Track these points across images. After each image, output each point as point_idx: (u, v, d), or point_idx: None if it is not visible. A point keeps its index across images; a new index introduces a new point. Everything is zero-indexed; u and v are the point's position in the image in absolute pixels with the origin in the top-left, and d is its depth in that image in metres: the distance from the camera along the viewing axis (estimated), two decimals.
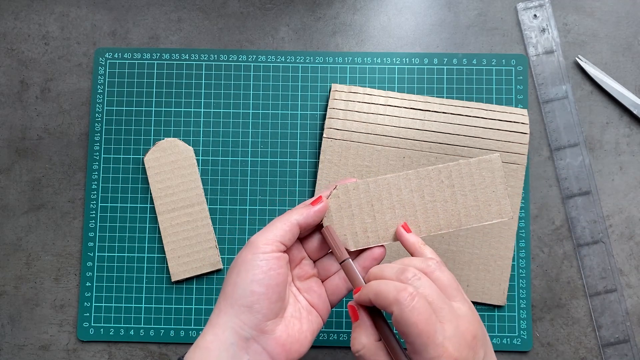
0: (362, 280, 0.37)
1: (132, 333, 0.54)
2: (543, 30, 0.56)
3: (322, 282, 0.41)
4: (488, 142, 0.53)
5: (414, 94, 0.55)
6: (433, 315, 0.32)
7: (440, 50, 0.57)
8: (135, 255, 0.54)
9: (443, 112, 0.53)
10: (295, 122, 0.55)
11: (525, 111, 0.54)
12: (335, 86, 0.55)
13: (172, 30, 0.57)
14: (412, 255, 0.38)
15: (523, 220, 0.54)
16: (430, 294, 0.33)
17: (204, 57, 0.56)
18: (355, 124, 0.53)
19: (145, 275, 0.54)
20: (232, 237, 0.54)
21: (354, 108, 0.53)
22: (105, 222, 0.55)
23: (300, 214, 0.38)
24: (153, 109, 0.56)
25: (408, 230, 0.39)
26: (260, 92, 0.56)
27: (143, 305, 0.54)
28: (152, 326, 0.54)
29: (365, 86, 0.56)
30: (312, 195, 0.53)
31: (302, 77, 0.56)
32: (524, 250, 0.54)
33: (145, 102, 0.56)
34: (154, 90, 0.56)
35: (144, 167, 0.55)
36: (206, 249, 0.54)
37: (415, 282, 0.34)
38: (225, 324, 0.35)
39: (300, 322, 0.37)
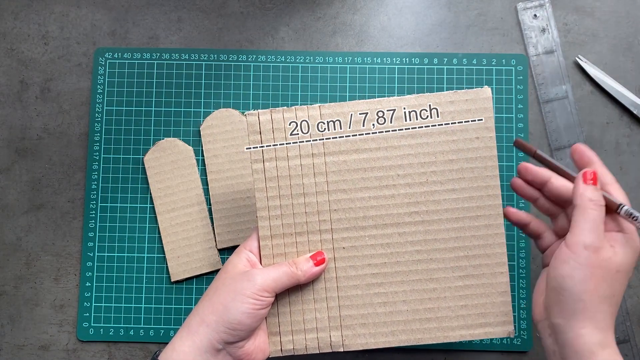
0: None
1: (132, 333, 0.54)
2: (543, 30, 0.56)
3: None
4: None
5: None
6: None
7: (440, 50, 0.56)
8: (135, 255, 0.54)
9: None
10: None
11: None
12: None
13: (172, 30, 0.57)
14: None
15: None
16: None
17: (204, 57, 0.56)
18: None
19: (145, 275, 0.54)
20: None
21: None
22: (105, 222, 0.55)
23: (304, 273, 0.41)
24: (153, 109, 0.56)
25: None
26: (260, 92, 0.56)
27: (143, 305, 0.54)
28: (152, 326, 0.54)
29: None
30: None
31: (302, 77, 0.56)
32: (524, 250, 0.54)
33: (145, 102, 0.56)
34: (154, 90, 0.56)
35: (144, 167, 0.55)
36: (206, 249, 0.54)
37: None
38: (205, 335, 0.39)
39: (265, 332, 0.42)
